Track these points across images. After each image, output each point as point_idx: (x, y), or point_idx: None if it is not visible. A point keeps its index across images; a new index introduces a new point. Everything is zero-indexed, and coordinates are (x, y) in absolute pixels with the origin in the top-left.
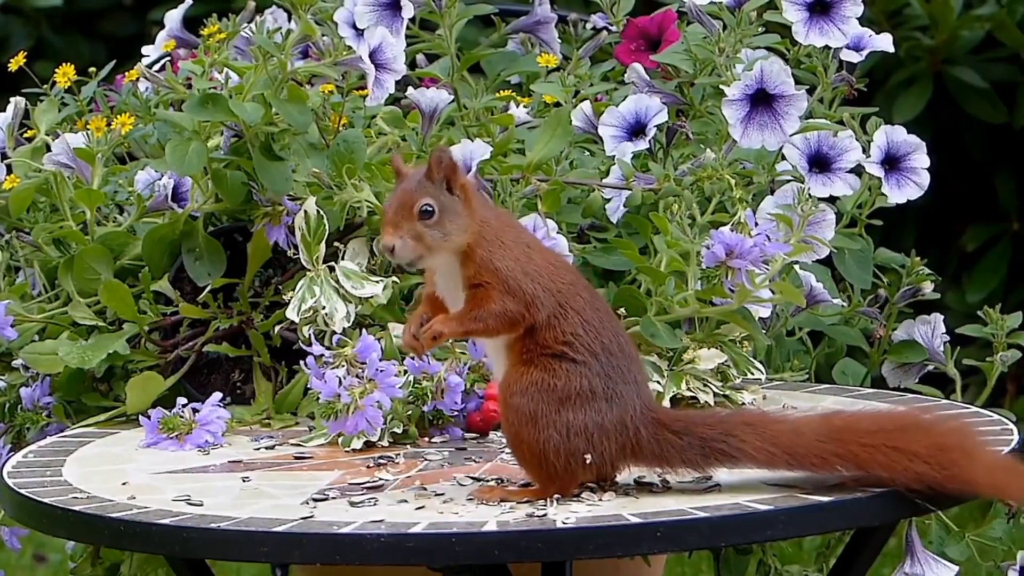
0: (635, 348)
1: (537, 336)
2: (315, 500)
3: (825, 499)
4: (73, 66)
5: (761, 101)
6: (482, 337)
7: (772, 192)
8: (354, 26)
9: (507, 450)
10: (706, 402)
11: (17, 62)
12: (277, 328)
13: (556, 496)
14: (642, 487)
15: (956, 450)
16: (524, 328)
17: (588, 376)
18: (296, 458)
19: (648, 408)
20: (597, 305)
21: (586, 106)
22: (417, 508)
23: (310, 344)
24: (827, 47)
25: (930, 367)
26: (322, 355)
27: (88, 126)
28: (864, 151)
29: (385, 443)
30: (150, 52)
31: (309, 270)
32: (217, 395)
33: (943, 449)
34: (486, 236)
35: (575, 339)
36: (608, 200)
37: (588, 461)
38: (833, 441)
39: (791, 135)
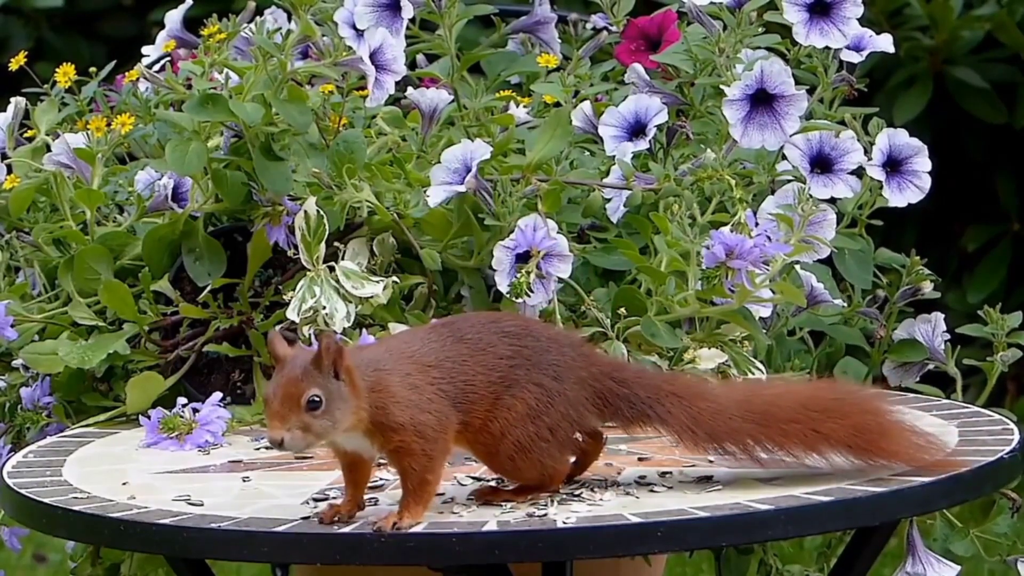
0: (535, 322)
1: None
2: (315, 500)
3: (825, 499)
4: (73, 66)
5: (761, 101)
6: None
7: (772, 192)
8: (354, 27)
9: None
10: None
11: (17, 62)
12: (277, 328)
13: (556, 491)
14: (643, 486)
15: (874, 431)
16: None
17: (529, 379)
18: (296, 458)
19: (583, 354)
20: (468, 334)
21: (586, 106)
22: None
23: (310, 344)
24: (827, 48)
25: (931, 366)
26: None
27: (88, 126)
28: (865, 153)
29: None
30: (150, 52)
31: (309, 270)
32: (217, 395)
33: (861, 431)
34: (376, 403)
35: (493, 379)
36: (608, 200)
37: (580, 439)
38: (755, 424)
39: (791, 135)
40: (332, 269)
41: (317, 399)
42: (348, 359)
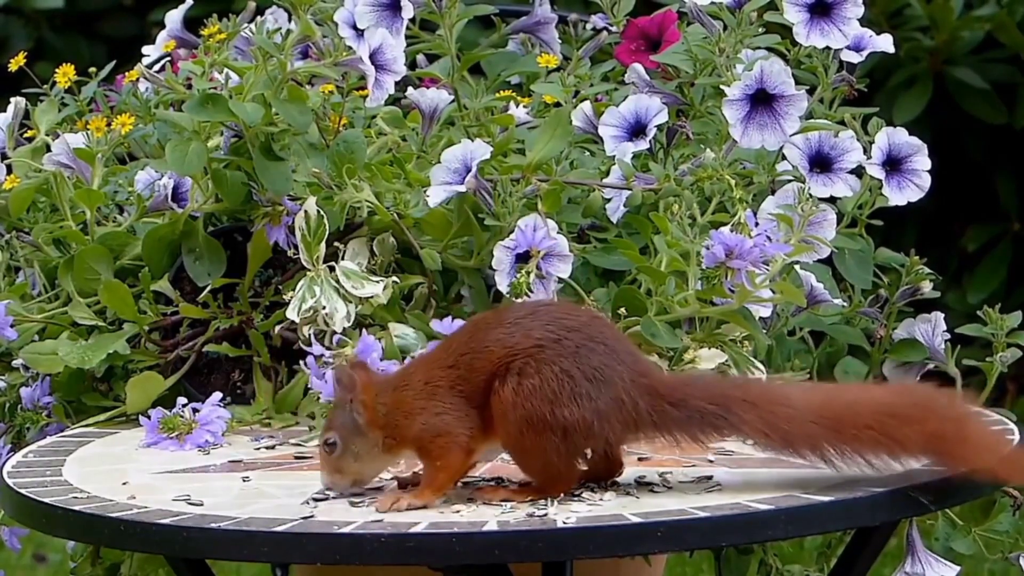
0: (601, 320)
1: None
2: (315, 500)
3: (826, 499)
4: (73, 66)
5: (761, 101)
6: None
7: (772, 192)
8: (354, 27)
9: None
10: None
11: (17, 62)
12: (277, 328)
13: (558, 496)
14: (643, 486)
15: (953, 439)
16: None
17: (557, 363)
18: (296, 458)
19: (640, 375)
20: (508, 318)
21: (586, 106)
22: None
23: (310, 344)
24: (828, 48)
25: (931, 366)
26: (322, 355)
27: (88, 126)
28: (865, 152)
29: None
30: (150, 52)
31: (309, 270)
32: (217, 395)
33: (940, 438)
34: (393, 422)
35: (509, 344)
36: (608, 200)
37: (589, 455)
38: (830, 430)
39: (791, 135)
40: (332, 269)
41: (332, 442)
42: (362, 392)
